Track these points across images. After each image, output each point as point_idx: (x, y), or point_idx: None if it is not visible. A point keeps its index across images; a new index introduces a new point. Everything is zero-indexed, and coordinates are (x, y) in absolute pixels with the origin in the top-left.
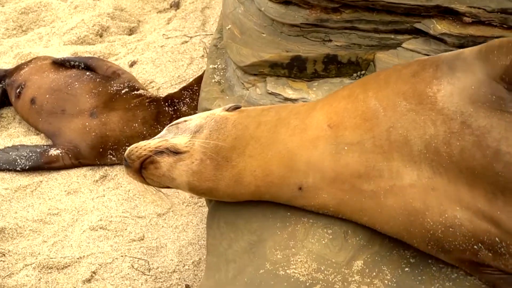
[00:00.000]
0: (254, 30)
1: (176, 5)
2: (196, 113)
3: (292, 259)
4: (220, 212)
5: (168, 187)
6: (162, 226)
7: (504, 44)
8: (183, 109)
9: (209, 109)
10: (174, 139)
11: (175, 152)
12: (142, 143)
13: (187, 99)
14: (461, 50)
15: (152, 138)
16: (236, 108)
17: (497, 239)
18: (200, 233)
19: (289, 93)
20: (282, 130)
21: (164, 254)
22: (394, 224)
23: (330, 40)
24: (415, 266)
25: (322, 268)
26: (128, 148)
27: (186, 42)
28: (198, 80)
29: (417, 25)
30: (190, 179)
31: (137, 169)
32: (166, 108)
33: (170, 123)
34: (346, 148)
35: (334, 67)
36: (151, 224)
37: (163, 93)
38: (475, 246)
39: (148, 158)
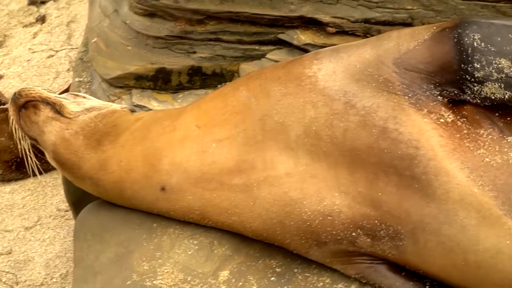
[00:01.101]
0: (119, 43)
1: (42, 19)
2: None
3: (158, 270)
4: (87, 224)
5: (35, 143)
6: (30, 240)
7: (408, 32)
8: None
9: None
10: (65, 102)
11: (59, 112)
12: (39, 88)
13: None
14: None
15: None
16: (131, 110)
17: (377, 222)
18: (67, 246)
19: (154, 105)
20: (154, 128)
21: (31, 267)
22: (267, 217)
23: (195, 52)
24: (281, 276)
25: (189, 279)
26: (24, 87)
27: (52, 56)
28: (64, 93)
29: (281, 36)
30: (57, 142)
31: (19, 106)
32: None
33: None
34: (214, 145)
35: (199, 79)
36: (18, 238)
37: None
38: (353, 233)
39: (33, 101)
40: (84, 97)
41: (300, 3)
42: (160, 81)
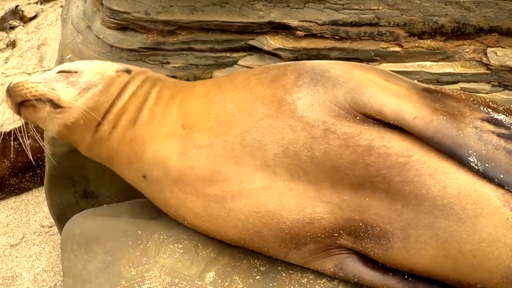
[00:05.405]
0: (94, 58)
1: (12, 44)
2: (44, 144)
3: (146, 274)
4: (72, 236)
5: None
6: (16, 256)
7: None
8: (28, 142)
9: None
10: (61, 92)
11: (57, 105)
12: (30, 80)
13: (31, 132)
14: (327, 66)
15: (41, 75)
16: (127, 71)
17: (361, 224)
18: (54, 260)
19: None
20: (144, 113)
21: (19, 283)
22: (243, 228)
23: (168, 62)
24: (266, 274)
25: (176, 281)
26: (15, 81)
27: None
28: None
29: (252, 42)
30: (61, 129)
31: (17, 104)
32: (11, 142)
33: (15, 157)
34: (194, 150)
35: None
36: (4, 255)
37: (6, 129)
38: (335, 234)
39: (30, 101)
40: (76, 72)
41: (268, 9)
42: None
